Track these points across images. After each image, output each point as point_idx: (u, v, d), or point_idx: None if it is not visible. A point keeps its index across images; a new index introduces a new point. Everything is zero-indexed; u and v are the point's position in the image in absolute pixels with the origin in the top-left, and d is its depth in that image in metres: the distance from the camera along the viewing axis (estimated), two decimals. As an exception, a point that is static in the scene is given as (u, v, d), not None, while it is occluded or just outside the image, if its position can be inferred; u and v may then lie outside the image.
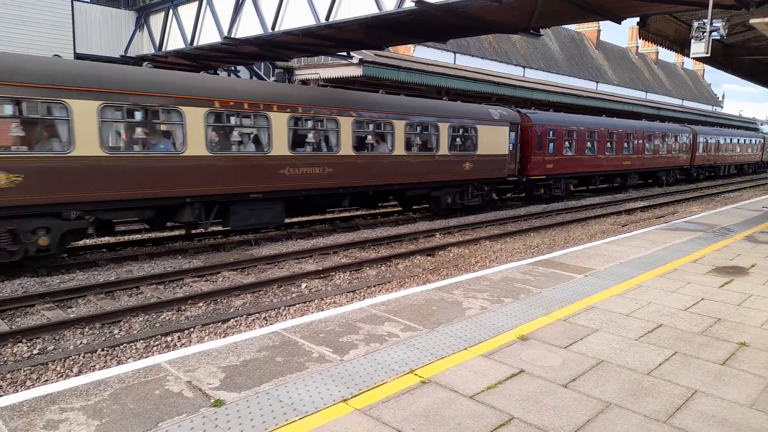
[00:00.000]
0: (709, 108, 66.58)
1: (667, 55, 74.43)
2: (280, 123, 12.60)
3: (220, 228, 13.46)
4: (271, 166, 12.59)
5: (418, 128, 16.23)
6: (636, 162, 28.32)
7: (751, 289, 7.44)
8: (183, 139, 11.04)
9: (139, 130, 10.62)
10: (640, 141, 28.32)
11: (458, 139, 17.55)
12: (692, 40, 9.91)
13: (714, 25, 9.64)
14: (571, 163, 23.25)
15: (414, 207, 18.74)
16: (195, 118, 11.07)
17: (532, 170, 21.10)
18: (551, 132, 21.79)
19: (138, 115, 10.66)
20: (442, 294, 6.89)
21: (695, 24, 9.84)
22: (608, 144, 25.59)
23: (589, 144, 24.20)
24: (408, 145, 15.87)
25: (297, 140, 13.22)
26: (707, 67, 62.43)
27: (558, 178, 22.75)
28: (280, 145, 12.67)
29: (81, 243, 12.04)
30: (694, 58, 11.28)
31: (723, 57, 17.16)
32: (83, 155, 9.78)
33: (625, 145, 27.09)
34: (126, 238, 13.41)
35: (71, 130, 9.63)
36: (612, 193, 27.06)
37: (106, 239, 13.02)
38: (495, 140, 18.90)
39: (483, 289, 7.13)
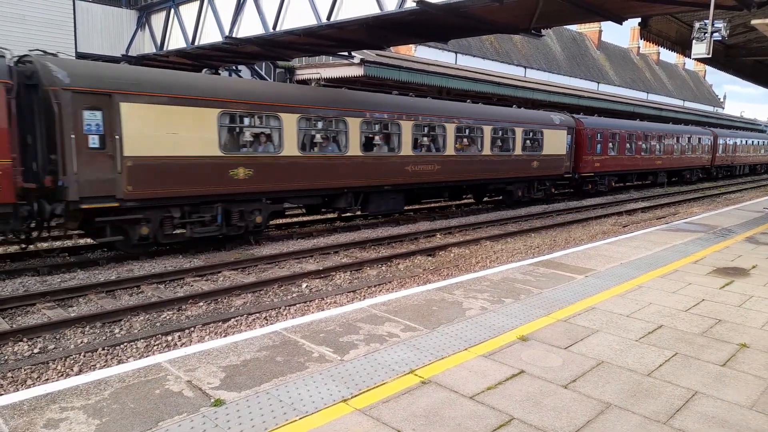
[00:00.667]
0: (710, 109, 66.53)
1: (669, 56, 74.34)
2: (407, 129, 15.89)
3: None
4: (400, 164, 15.80)
5: (500, 132, 19.29)
6: (666, 162, 31.23)
7: (752, 290, 7.44)
8: (346, 142, 14.26)
9: (318, 135, 13.79)
10: (669, 143, 31.23)
11: (528, 141, 20.53)
12: (693, 41, 9.90)
13: (715, 26, 9.62)
14: (613, 162, 26.16)
15: (484, 199, 21.87)
16: (354, 126, 14.45)
17: (583, 168, 23.98)
18: (598, 135, 24.74)
19: (320, 124, 13.85)
20: (442, 294, 6.89)
21: (696, 25, 9.83)
22: (643, 145, 28.56)
23: (628, 145, 27.10)
24: (492, 147, 18.94)
25: (416, 143, 16.28)
26: (708, 68, 62.37)
27: (603, 175, 25.79)
28: (406, 147, 15.88)
29: (83, 242, 12.05)
30: (695, 59, 11.27)
31: (724, 58, 17.14)
32: (287, 155, 12.98)
33: (657, 146, 29.93)
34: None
35: (281, 137, 12.80)
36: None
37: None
38: (556, 142, 21.94)
39: (483, 290, 7.13)
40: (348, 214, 15.94)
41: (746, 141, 43.41)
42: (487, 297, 6.80)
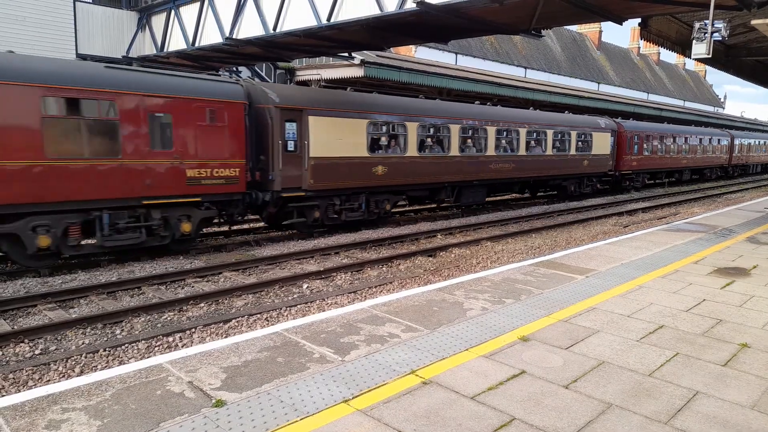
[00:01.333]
0: (711, 109, 66.51)
1: (669, 56, 74.33)
2: (491, 133, 18.95)
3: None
4: (486, 162, 18.82)
5: (559, 135, 22.27)
6: (690, 161, 34.29)
7: (753, 290, 7.43)
8: (448, 145, 17.31)
9: (429, 139, 16.86)
10: (694, 143, 34.26)
11: (580, 143, 23.53)
12: (693, 41, 9.90)
13: (715, 26, 9.63)
14: (648, 162, 29.27)
15: (538, 194, 24.99)
16: (455, 131, 17.54)
17: (622, 166, 27.07)
18: (636, 137, 27.77)
19: (431, 130, 16.94)
20: (443, 295, 6.89)
21: (696, 25, 9.84)
22: (672, 146, 31.66)
23: (660, 146, 30.11)
24: (553, 148, 21.97)
25: (498, 145, 19.22)
26: (709, 68, 62.30)
27: (638, 173, 28.92)
28: (490, 149, 18.89)
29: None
30: (695, 59, 11.27)
31: (724, 58, 17.14)
32: (410, 156, 16.17)
33: (684, 147, 33.10)
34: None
35: (406, 141, 16.00)
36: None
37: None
38: (602, 143, 25.11)
39: (484, 290, 7.13)
40: (444, 204, 19.06)
41: (759, 141, 46.66)
42: (487, 297, 6.80)
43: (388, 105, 15.86)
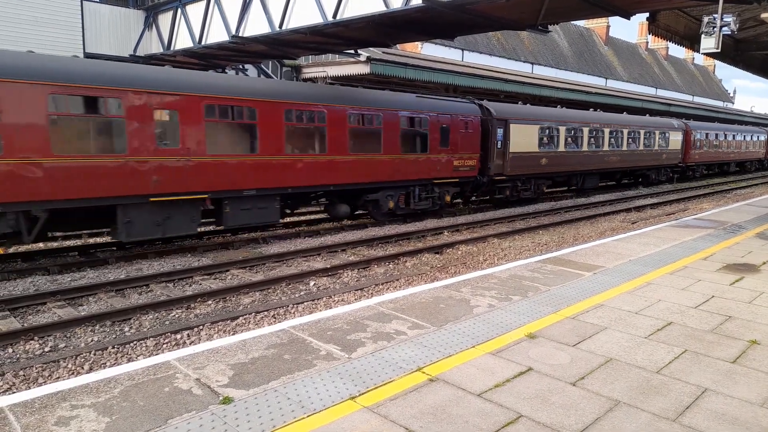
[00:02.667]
0: (720, 104, 65.92)
1: (678, 51, 73.69)
2: (606, 133, 24.54)
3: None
4: (602, 156, 24.54)
5: (648, 134, 28.10)
6: (734, 155, 39.23)
7: (763, 286, 7.37)
8: (580, 142, 22.73)
9: (569, 139, 22.09)
10: (739, 139, 39.22)
11: (661, 141, 29.51)
12: (702, 36, 9.81)
13: (724, 20, 9.53)
14: (706, 156, 34.98)
15: (623, 181, 30.42)
16: (586, 132, 22.90)
17: (688, 159, 32.77)
18: (698, 134, 33.49)
19: (572, 132, 22.28)
20: (450, 292, 6.88)
21: (705, 19, 9.75)
22: (723, 142, 37.00)
23: (715, 143, 35.83)
24: (644, 144, 27.77)
25: (609, 142, 24.82)
26: (718, 62, 61.67)
27: (699, 165, 34.95)
28: (605, 146, 24.70)
29: (92, 241, 12.15)
30: (704, 54, 11.17)
31: (734, 52, 16.97)
32: (560, 151, 21.67)
33: (732, 143, 38.21)
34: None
35: (558, 140, 21.52)
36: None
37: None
38: (675, 141, 31.10)
39: (491, 287, 7.11)
40: (573, 188, 24.55)
41: None
42: (494, 294, 6.79)
43: (549, 114, 21.64)
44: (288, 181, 12.91)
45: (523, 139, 19.61)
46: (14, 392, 5.66)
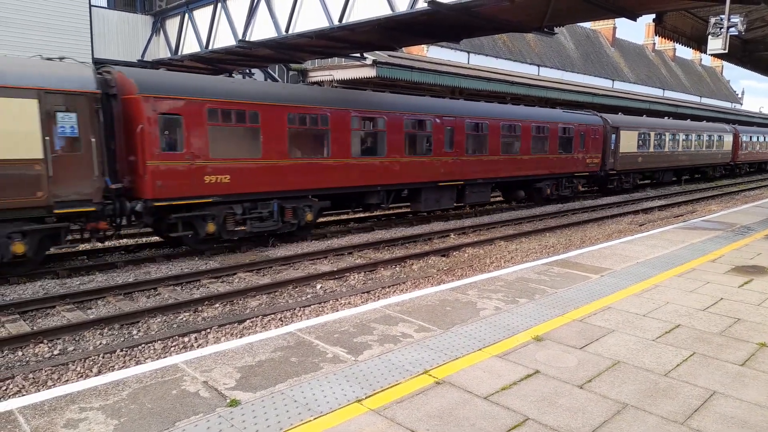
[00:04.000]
0: (728, 105, 65.48)
1: (685, 52, 73.34)
2: (681, 137, 30.33)
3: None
4: (678, 155, 30.29)
5: (708, 136, 33.84)
6: None
7: (772, 288, 7.31)
8: (664, 145, 28.56)
9: (655, 141, 27.42)
10: None
11: (717, 142, 35.33)
12: (709, 37, 9.77)
13: (732, 20, 9.49)
14: (750, 156, 41.02)
15: (684, 178, 34.61)
16: (668, 136, 29.39)
17: (736, 159, 38.58)
18: (744, 137, 39.35)
19: (659, 136, 27.94)
20: (456, 294, 6.88)
21: (712, 20, 9.70)
22: (764, 143, 43.24)
23: (757, 144, 41.90)
24: (701, 146, 33.04)
25: (683, 144, 30.65)
26: (726, 63, 61.26)
27: (744, 163, 40.61)
28: (680, 147, 30.43)
29: (100, 246, 12.23)
30: (711, 55, 11.11)
31: (741, 53, 16.86)
32: (651, 151, 27.61)
33: (766, 143, 44.26)
34: (144, 240, 13.59)
35: (650, 142, 27.21)
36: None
37: (124, 241, 13.21)
38: (727, 142, 36.70)
39: (497, 290, 7.10)
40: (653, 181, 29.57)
41: None
42: (501, 297, 6.78)
43: (644, 122, 27.56)
44: (499, 173, 19.17)
45: (628, 142, 25.80)
46: (24, 395, 5.71)
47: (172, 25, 18.25)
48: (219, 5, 15.32)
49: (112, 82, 10.59)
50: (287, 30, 13.22)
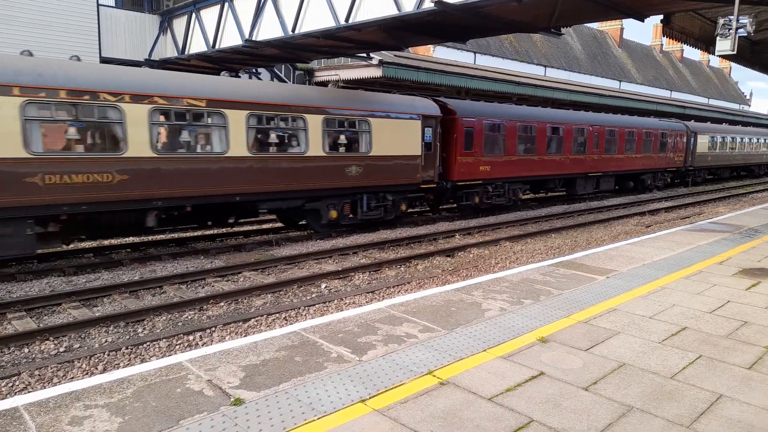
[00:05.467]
0: (736, 106, 65.09)
1: (693, 53, 72.96)
2: (738, 139, 36.13)
3: (247, 228, 15.66)
4: (737, 156, 36.38)
5: (756, 139, 38.93)
6: None
7: (780, 291, 7.26)
8: (727, 147, 34.75)
9: (720, 143, 33.51)
10: None
11: (763, 144, 40.33)
12: (718, 38, 9.70)
13: (740, 21, 9.42)
14: None
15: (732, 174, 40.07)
16: (728, 139, 35.00)
17: None
18: None
19: (724, 138, 33.61)
20: (461, 295, 6.86)
21: (721, 21, 9.64)
22: None
23: None
24: (746, 147, 37.42)
25: (739, 146, 36.02)
26: (734, 64, 60.88)
27: None
28: (738, 149, 35.95)
29: (107, 243, 12.29)
30: (719, 56, 11.04)
31: (750, 54, 16.75)
32: (719, 152, 34.12)
33: None
34: (150, 238, 13.63)
35: (718, 145, 33.60)
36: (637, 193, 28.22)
37: (130, 239, 13.27)
38: None
39: (503, 291, 7.08)
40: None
41: None
42: (506, 298, 6.76)
43: (714, 128, 33.28)
44: (622, 168, 25.20)
45: (702, 144, 31.23)
46: (29, 391, 5.75)
47: (179, 24, 18.30)
48: (226, 5, 15.36)
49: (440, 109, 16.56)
50: (294, 30, 13.23)
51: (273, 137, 12.54)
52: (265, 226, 15.94)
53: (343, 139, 13.87)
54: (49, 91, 9.42)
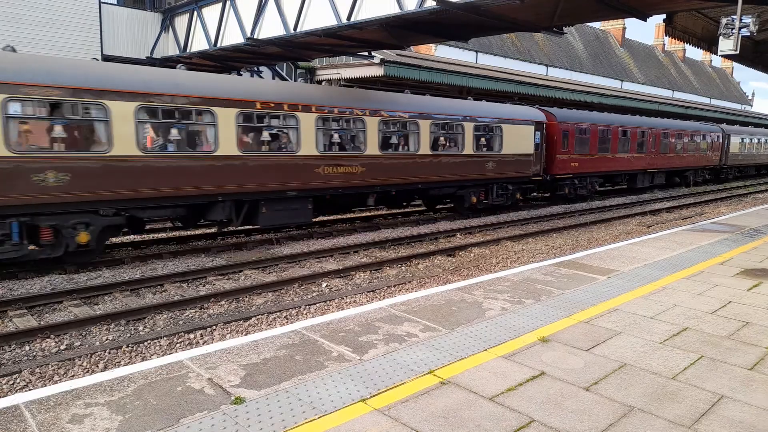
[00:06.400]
0: (738, 106, 64.99)
1: (695, 53, 72.80)
2: (764, 142, 40.23)
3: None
4: (760, 156, 40.17)
5: None
6: None
7: (782, 292, 7.24)
8: (755, 148, 39.33)
9: (739, 144, 36.53)
10: None
11: None
12: (720, 37, 9.68)
13: (743, 21, 9.39)
14: None
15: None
16: (762, 141, 40.01)
17: None
18: None
19: (752, 139, 37.91)
20: (462, 294, 6.85)
21: (723, 20, 9.61)
22: None
23: None
24: None
25: (757, 147, 38.82)
26: (736, 64, 60.78)
27: None
28: (765, 149, 40.77)
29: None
30: (722, 56, 11.01)
31: (753, 54, 16.72)
32: (746, 153, 38.67)
33: None
34: (151, 236, 13.64)
35: (755, 146, 40.13)
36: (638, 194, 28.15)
37: (131, 237, 13.28)
38: None
39: (504, 290, 7.07)
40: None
41: None
42: (507, 297, 6.75)
43: (744, 130, 36.71)
44: (672, 165, 29.17)
45: (734, 144, 34.79)
46: (30, 389, 5.75)
47: (181, 22, 18.31)
48: (228, 3, 15.36)
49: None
50: (295, 28, 13.24)
51: (441, 140, 16.73)
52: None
53: (483, 141, 17.67)
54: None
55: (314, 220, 14.56)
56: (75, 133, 10.10)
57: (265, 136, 12.35)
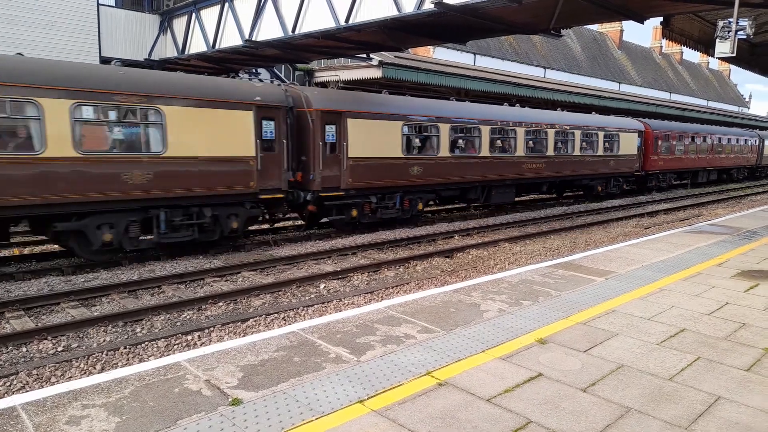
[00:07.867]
0: (735, 109, 65.17)
1: (692, 55, 73.00)
2: None
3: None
4: None
5: None
6: None
7: (778, 293, 7.26)
8: (760, 149, 41.79)
9: (763, 148, 41.51)
10: None
11: None
12: (717, 40, 9.72)
13: (740, 24, 9.44)
14: None
15: None
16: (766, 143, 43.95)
17: None
18: None
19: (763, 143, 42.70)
20: (460, 296, 6.86)
21: (720, 23, 9.66)
22: None
23: None
24: None
25: None
26: (733, 67, 60.97)
27: None
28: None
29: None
30: (719, 59, 11.06)
31: (749, 57, 16.79)
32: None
33: None
34: (150, 236, 13.58)
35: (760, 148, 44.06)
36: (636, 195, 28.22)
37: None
38: None
39: (501, 292, 7.08)
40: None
41: None
42: (505, 299, 6.76)
43: (746, 133, 39.37)
44: (713, 165, 32.91)
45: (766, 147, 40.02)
46: (27, 391, 5.75)
47: (179, 24, 18.31)
48: (226, 5, 15.37)
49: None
50: (294, 30, 13.25)
51: (584, 145, 21.99)
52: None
53: (607, 145, 23.47)
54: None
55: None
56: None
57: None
